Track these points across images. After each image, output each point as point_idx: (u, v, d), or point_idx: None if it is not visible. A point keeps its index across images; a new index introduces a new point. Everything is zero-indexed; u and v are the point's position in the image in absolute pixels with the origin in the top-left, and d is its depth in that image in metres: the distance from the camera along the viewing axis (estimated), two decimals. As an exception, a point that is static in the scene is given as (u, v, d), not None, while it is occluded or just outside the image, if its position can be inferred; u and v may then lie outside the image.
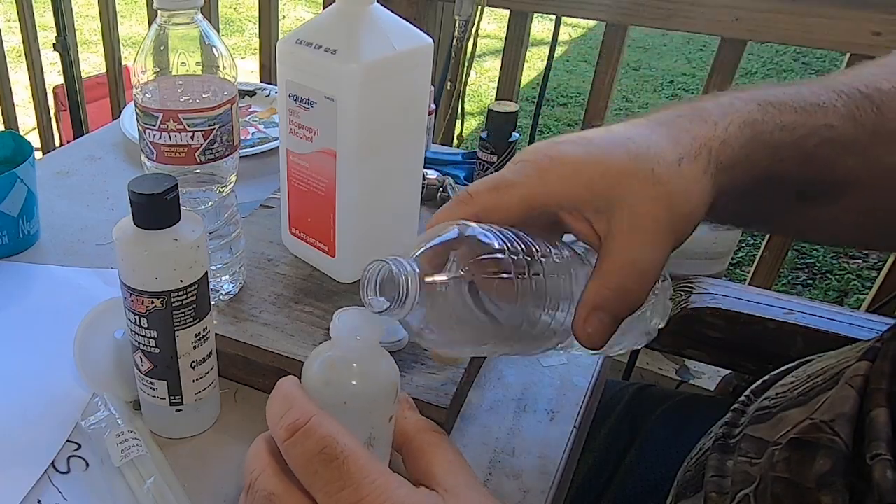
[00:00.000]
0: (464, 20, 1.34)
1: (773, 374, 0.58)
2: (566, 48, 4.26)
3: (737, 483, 0.48)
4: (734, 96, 0.43)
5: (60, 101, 2.15)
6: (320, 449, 0.33)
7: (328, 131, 0.58)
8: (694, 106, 0.42)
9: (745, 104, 0.42)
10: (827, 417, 0.43)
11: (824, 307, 0.78)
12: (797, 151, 0.42)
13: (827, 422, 0.43)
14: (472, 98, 3.45)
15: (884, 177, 0.45)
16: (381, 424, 0.39)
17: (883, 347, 0.44)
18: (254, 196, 0.77)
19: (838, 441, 0.41)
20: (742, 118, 0.41)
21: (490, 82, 3.76)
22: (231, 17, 4.63)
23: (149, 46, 0.52)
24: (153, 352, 0.48)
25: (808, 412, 0.45)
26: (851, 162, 0.44)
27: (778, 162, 0.42)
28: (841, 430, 0.41)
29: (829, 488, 0.40)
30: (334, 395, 0.37)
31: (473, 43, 1.39)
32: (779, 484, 0.43)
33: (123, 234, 0.46)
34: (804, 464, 0.42)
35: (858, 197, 0.46)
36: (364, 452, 0.34)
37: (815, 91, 0.44)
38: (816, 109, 0.43)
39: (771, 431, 0.48)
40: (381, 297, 0.37)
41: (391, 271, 0.36)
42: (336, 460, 0.33)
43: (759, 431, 0.50)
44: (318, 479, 0.33)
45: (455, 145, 1.56)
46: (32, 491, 0.49)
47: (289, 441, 0.34)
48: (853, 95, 0.44)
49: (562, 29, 1.47)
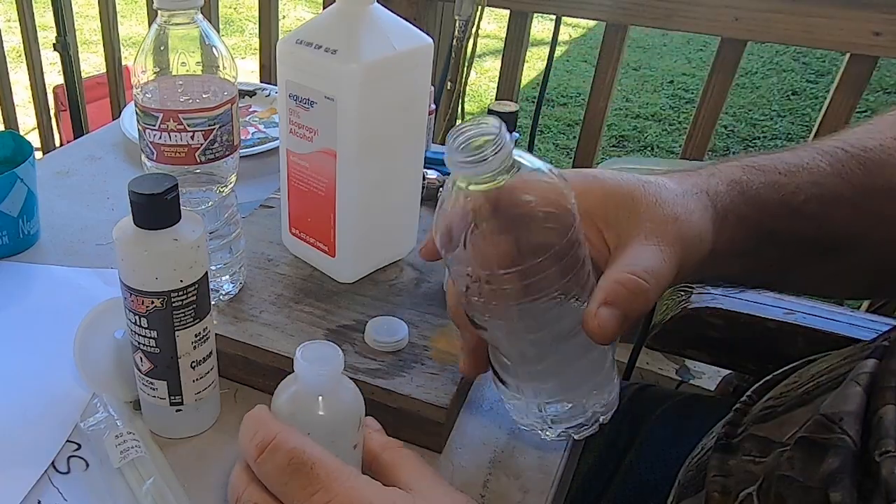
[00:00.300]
0: (464, 20, 1.34)
1: (775, 374, 0.58)
2: (566, 48, 4.26)
3: (739, 482, 0.48)
4: (716, 165, 0.47)
5: (60, 101, 2.15)
6: (288, 460, 0.36)
7: (328, 131, 0.58)
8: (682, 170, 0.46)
9: (729, 168, 0.46)
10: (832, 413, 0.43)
11: (824, 307, 0.78)
12: (786, 209, 0.45)
13: (835, 420, 0.43)
14: (472, 98, 3.45)
15: (890, 231, 0.46)
16: (345, 452, 0.41)
17: (891, 346, 0.44)
18: (254, 196, 0.77)
19: (847, 439, 0.41)
20: (728, 177, 0.45)
21: (490, 82, 3.76)
22: (231, 17, 4.63)
23: (149, 46, 0.52)
24: (153, 352, 0.48)
25: (812, 411, 0.46)
26: (842, 217, 0.46)
27: (768, 218, 0.45)
28: (849, 428, 0.41)
29: (837, 486, 0.40)
30: (298, 427, 0.40)
31: (473, 43, 1.39)
32: (783, 483, 0.43)
33: (123, 234, 0.46)
34: (811, 463, 0.42)
35: (867, 253, 0.48)
36: (331, 458, 0.37)
37: (799, 154, 0.47)
38: (800, 170, 0.46)
39: (775, 430, 0.48)
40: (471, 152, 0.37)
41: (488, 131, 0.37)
42: (304, 467, 0.36)
43: (763, 430, 0.50)
44: (290, 487, 0.36)
45: (455, 145, 1.55)
46: (32, 491, 0.49)
47: (259, 458, 0.37)
48: (837, 155, 0.47)
49: (562, 29, 1.47)
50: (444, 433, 0.53)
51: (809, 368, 0.53)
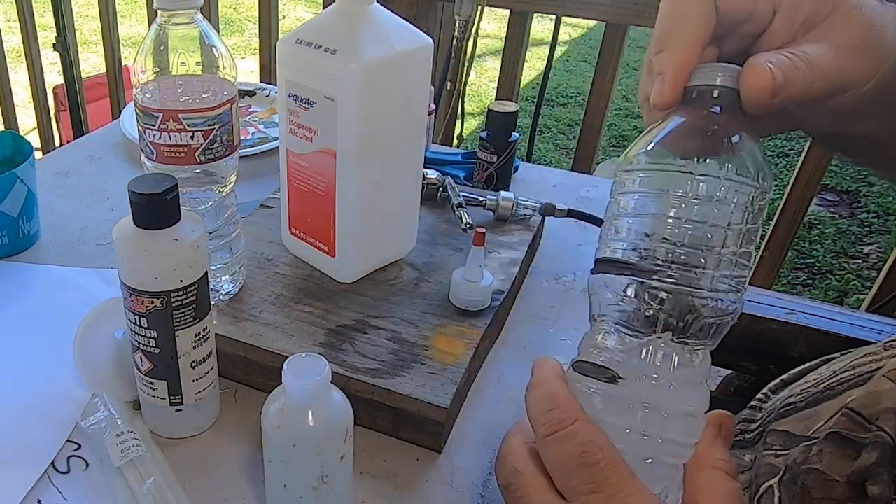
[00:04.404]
0: (464, 20, 1.34)
1: (792, 373, 0.58)
2: (566, 48, 4.26)
3: (760, 476, 0.49)
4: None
5: (60, 101, 2.15)
6: (580, 452, 0.35)
7: (328, 131, 0.58)
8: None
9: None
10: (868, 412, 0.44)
11: (825, 307, 0.78)
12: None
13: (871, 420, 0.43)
14: (472, 98, 3.45)
15: None
16: (331, 463, 0.42)
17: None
18: (254, 196, 0.77)
19: (884, 435, 0.42)
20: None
21: (490, 82, 3.76)
22: (231, 17, 4.63)
23: (149, 46, 0.52)
24: (153, 352, 0.48)
25: (839, 406, 0.46)
26: None
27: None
28: (885, 425, 0.42)
29: (876, 479, 0.41)
30: (284, 439, 0.41)
31: (473, 43, 1.39)
32: (811, 475, 0.44)
33: (123, 234, 0.46)
34: (841, 458, 0.43)
35: None
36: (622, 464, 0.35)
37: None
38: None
39: (797, 425, 0.49)
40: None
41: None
42: (594, 466, 0.34)
43: (785, 425, 0.50)
44: (572, 480, 0.35)
45: (455, 145, 1.56)
46: (32, 491, 0.49)
47: (551, 437, 0.36)
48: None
49: (562, 29, 1.47)
50: (444, 433, 0.53)
51: (830, 366, 0.54)
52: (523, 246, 0.70)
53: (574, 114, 3.42)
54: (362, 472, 0.51)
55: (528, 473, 0.37)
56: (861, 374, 0.49)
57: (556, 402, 0.37)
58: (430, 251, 0.69)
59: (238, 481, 0.50)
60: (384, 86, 0.57)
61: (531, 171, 0.95)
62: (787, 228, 1.38)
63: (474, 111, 3.27)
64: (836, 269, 2.35)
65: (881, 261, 2.36)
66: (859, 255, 2.42)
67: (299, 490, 0.43)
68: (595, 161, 1.50)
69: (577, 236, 0.80)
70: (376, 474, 0.52)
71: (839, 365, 0.52)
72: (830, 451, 0.44)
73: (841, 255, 2.42)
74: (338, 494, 0.45)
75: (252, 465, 0.51)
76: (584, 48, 4.26)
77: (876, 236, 2.52)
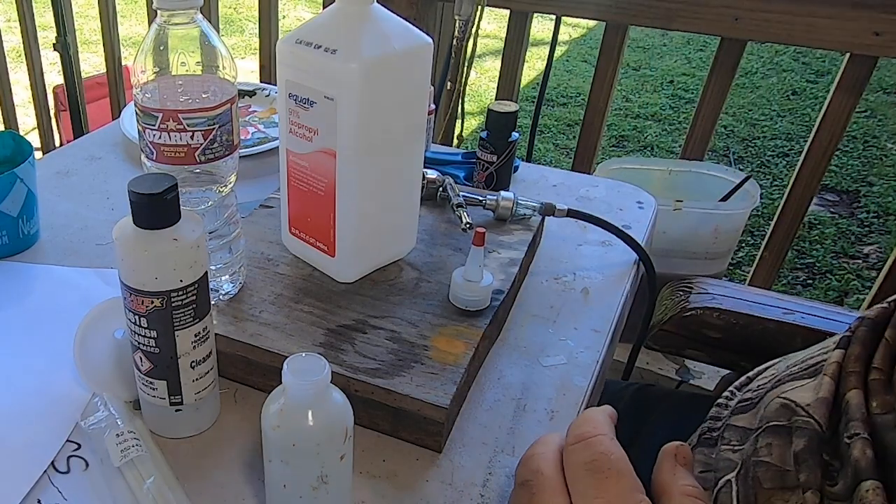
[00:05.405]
0: (464, 20, 1.34)
1: (756, 371, 0.59)
2: (566, 48, 4.26)
3: (720, 470, 0.50)
4: None
5: (60, 101, 2.15)
6: (592, 458, 0.39)
7: (328, 131, 0.58)
8: None
9: None
10: (805, 403, 0.46)
11: (823, 307, 0.78)
12: None
13: (801, 405, 0.45)
14: (472, 98, 3.45)
15: None
16: (331, 463, 0.43)
17: (853, 335, 0.48)
18: (254, 196, 0.77)
19: (811, 422, 0.44)
20: None
21: (490, 82, 3.76)
22: (231, 17, 4.63)
23: (149, 46, 0.52)
24: (153, 352, 0.48)
25: (777, 394, 0.49)
26: None
27: None
28: (814, 412, 0.44)
29: (802, 466, 0.42)
30: (283, 438, 0.41)
31: (473, 43, 1.39)
32: (760, 467, 0.45)
33: (123, 234, 0.46)
34: (782, 446, 0.45)
35: None
36: (632, 476, 0.39)
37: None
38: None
39: (752, 419, 0.51)
40: None
41: None
42: (602, 472, 0.39)
43: (742, 420, 0.52)
44: (583, 483, 0.39)
45: (455, 145, 1.55)
46: (32, 491, 0.49)
47: (572, 446, 0.41)
48: None
49: (562, 29, 1.47)
50: (444, 433, 0.53)
51: (786, 360, 0.55)
52: (523, 246, 0.70)
53: (574, 114, 3.42)
54: (362, 472, 0.51)
55: (548, 475, 0.41)
56: (808, 368, 0.50)
57: (592, 422, 0.42)
58: (430, 251, 0.69)
59: (238, 481, 0.51)
60: (384, 86, 0.57)
61: (531, 170, 0.95)
62: (787, 228, 1.38)
63: (474, 111, 3.27)
64: (836, 269, 2.35)
65: (881, 261, 2.36)
66: (859, 255, 2.42)
67: (299, 490, 0.43)
68: (595, 161, 1.50)
69: (577, 236, 0.80)
70: (376, 474, 0.52)
71: (793, 359, 0.54)
72: (772, 443, 0.46)
73: (841, 255, 2.42)
74: (337, 494, 0.45)
75: (252, 465, 0.52)
76: (584, 48, 4.26)
77: (876, 236, 2.52)
